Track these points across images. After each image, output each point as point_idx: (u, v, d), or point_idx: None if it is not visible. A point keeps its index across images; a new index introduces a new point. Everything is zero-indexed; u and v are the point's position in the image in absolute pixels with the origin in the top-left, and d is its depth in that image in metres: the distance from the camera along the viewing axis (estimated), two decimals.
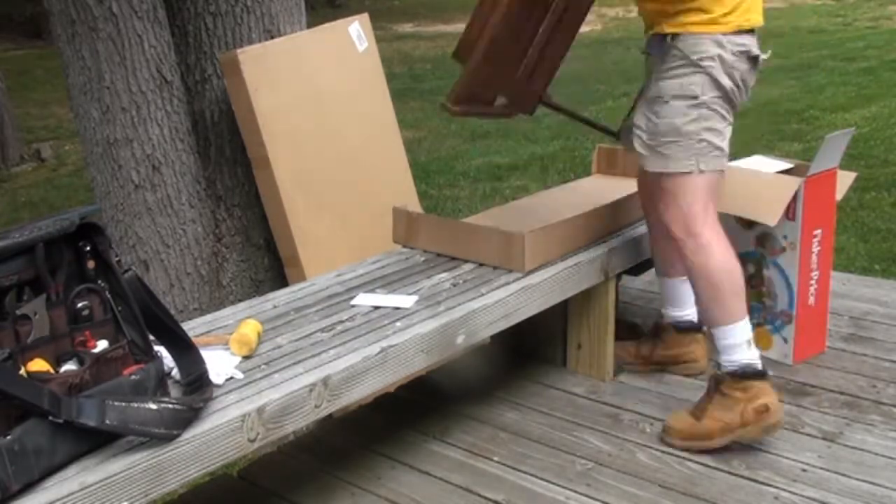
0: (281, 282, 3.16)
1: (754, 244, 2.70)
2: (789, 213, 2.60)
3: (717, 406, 2.23)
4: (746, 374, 2.21)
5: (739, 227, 2.73)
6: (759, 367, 2.24)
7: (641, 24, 2.41)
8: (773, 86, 8.17)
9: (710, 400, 2.25)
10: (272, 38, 3.15)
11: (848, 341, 2.81)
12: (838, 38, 10.60)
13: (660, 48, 2.28)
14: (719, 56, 2.22)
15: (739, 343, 2.23)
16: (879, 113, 6.91)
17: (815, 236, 2.65)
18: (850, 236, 4.49)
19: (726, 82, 2.25)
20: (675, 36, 2.23)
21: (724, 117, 2.30)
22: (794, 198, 2.58)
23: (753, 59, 2.30)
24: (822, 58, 9.35)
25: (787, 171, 2.73)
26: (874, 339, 2.83)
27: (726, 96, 2.27)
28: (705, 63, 2.23)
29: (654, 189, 2.38)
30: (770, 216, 2.59)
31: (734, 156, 2.62)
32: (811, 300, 2.65)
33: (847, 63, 8.92)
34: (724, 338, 2.25)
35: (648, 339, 2.70)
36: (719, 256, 2.26)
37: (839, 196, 2.77)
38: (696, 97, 2.26)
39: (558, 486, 2.20)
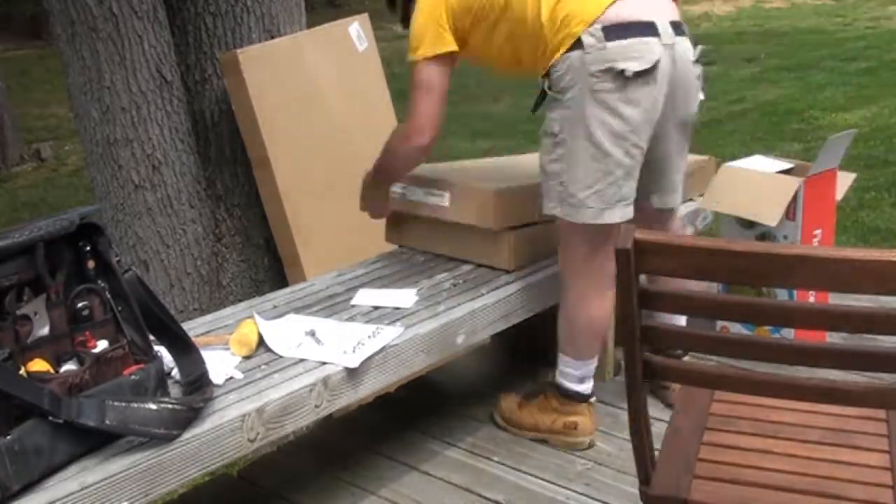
0: (281, 282, 3.16)
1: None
2: (789, 213, 2.60)
3: (537, 406, 2.37)
4: (569, 395, 2.31)
5: (739, 227, 2.73)
6: (585, 393, 2.31)
7: None
8: (773, 86, 8.18)
9: (535, 398, 2.39)
10: (272, 38, 3.15)
11: (848, 342, 2.80)
12: (838, 38, 10.59)
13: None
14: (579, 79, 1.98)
15: (577, 375, 2.28)
16: (879, 113, 6.90)
17: (815, 236, 2.65)
18: (850, 236, 4.49)
19: (592, 113, 1.98)
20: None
21: (594, 158, 2.01)
22: (794, 198, 2.58)
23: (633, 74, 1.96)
24: (822, 58, 9.34)
25: (787, 171, 2.73)
26: (875, 339, 2.82)
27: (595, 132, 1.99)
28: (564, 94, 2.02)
29: None
30: (770, 217, 2.59)
31: (734, 156, 2.63)
32: (811, 299, 2.65)
33: (847, 63, 8.91)
34: (566, 365, 2.28)
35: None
36: (592, 311, 2.19)
37: (839, 196, 2.77)
38: (555, 134, 2.08)
39: (558, 486, 2.20)
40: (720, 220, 2.87)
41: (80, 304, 1.63)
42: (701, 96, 2.19)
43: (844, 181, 2.80)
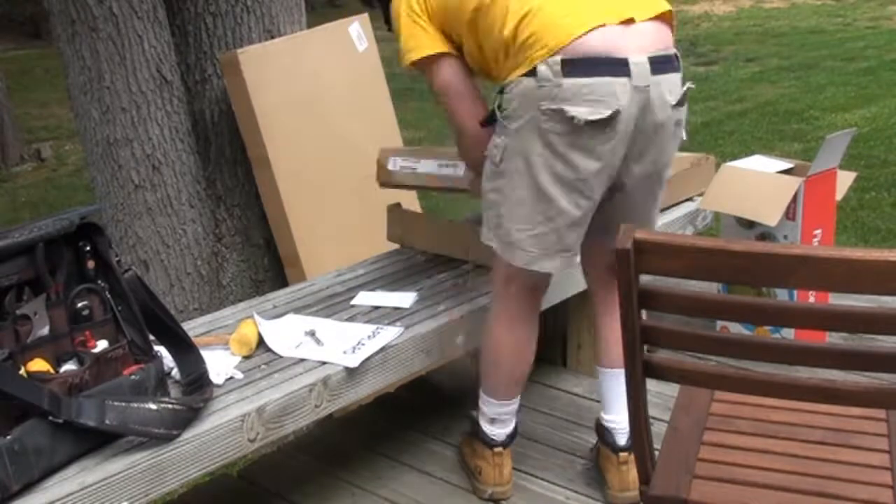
0: (281, 282, 3.16)
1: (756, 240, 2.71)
2: (789, 213, 2.61)
3: (468, 439, 2.26)
4: (477, 436, 2.15)
5: (740, 227, 2.73)
6: (495, 439, 2.11)
7: None
8: (773, 86, 8.18)
9: (470, 433, 2.24)
10: (272, 38, 3.15)
11: (848, 342, 2.80)
12: (838, 38, 10.59)
13: None
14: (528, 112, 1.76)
15: (487, 414, 2.12)
16: (879, 113, 6.91)
17: (815, 236, 2.65)
18: (850, 236, 4.49)
19: (538, 152, 1.77)
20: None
21: (536, 200, 1.80)
22: (794, 198, 2.58)
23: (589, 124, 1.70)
24: (822, 58, 9.34)
25: (787, 171, 2.73)
26: (874, 338, 2.82)
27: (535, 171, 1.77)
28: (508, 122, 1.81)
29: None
30: (770, 216, 2.59)
31: (734, 156, 2.63)
32: (811, 299, 2.65)
33: (847, 63, 8.91)
34: (480, 399, 2.13)
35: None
36: (500, 340, 2.02)
37: (839, 196, 2.77)
38: (496, 163, 1.86)
39: (558, 486, 2.20)
40: (720, 220, 2.87)
41: (80, 304, 1.64)
42: (682, 136, 1.90)
43: (845, 180, 2.80)
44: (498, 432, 2.12)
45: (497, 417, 2.11)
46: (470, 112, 1.98)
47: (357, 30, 3.34)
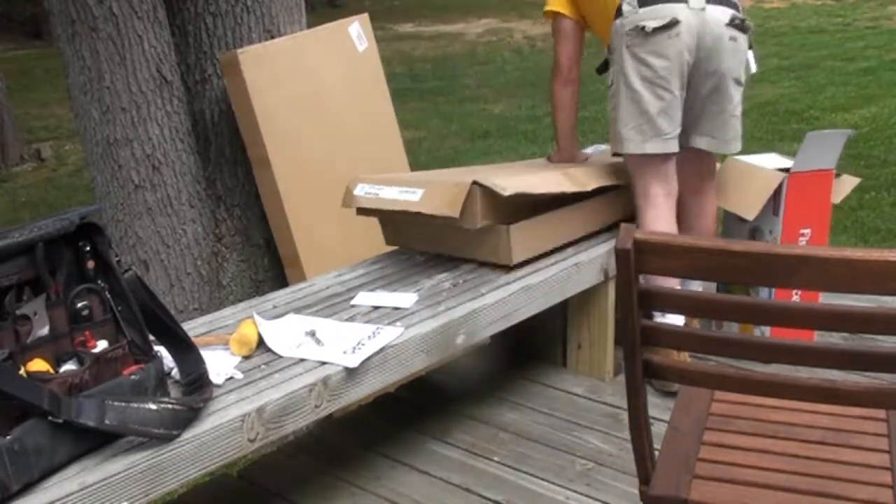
0: (281, 282, 3.16)
1: (748, 237, 2.71)
2: (775, 208, 2.62)
3: None
4: None
5: (736, 220, 2.74)
6: None
7: None
8: (773, 86, 8.18)
9: None
10: (272, 38, 3.15)
11: (848, 342, 2.81)
12: (838, 38, 10.59)
13: None
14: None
15: None
16: (879, 113, 6.91)
17: (802, 235, 2.65)
18: (850, 236, 4.49)
19: (628, 63, 2.44)
20: None
21: (631, 100, 2.46)
22: (778, 194, 2.59)
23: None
24: (822, 58, 9.35)
25: (787, 170, 2.73)
26: (874, 339, 2.82)
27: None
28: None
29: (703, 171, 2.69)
30: (748, 210, 2.62)
31: (745, 151, 2.69)
32: (795, 298, 2.63)
33: (847, 63, 8.91)
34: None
35: None
36: (647, 221, 2.56)
37: (836, 199, 2.76)
38: (609, 86, 2.57)
39: (558, 486, 2.20)
40: (723, 213, 2.88)
41: (79, 304, 1.63)
42: (748, 62, 2.54)
43: (846, 184, 2.79)
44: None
45: None
46: (565, 52, 2.73)
47: (357, 30, 3.34)
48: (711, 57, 2.43)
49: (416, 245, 2.60)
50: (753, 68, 2.57)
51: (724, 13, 2.43)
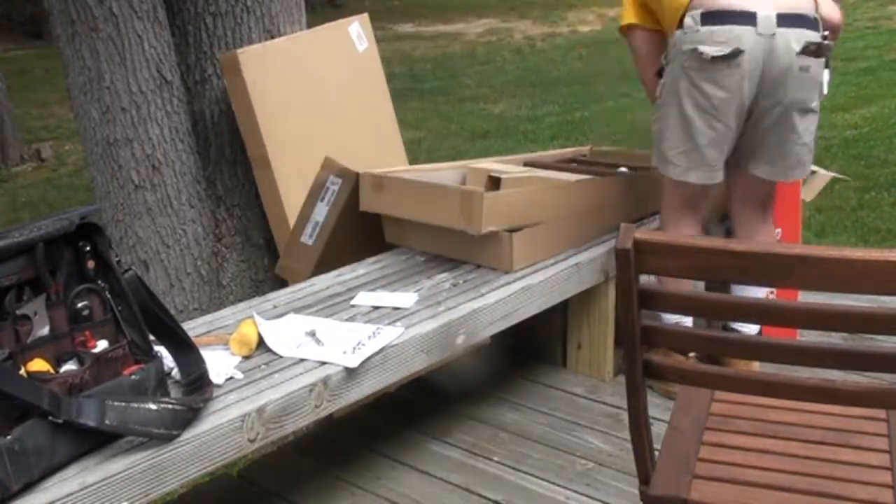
0: (281, 282, 3.16)
1: (724, 237, 2.75)
2: None
3: None
4: None
5: (713, 221, 2.77)
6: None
7: None
8: None
9: None
10: (272, 38, 3.15)
11: (848, 342, 2.81)
12: (838, 37, 10.58)
13: None
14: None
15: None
16: (879, 113, 6.90)
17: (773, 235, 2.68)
18: (850, 236, 4.49)
19: (682, 85, 2.28)
20: None
21: (681, 124, 2.31)
22: None
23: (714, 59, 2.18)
24: None
25: None
26: (874, 339, 2.82)
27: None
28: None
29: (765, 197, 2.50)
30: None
31: None
32: (770, 297, 2.62)
33: (847, 63, 8.90)
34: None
35: None
36: None
37: (809, 197, 2.77)
38: (658, 97, 2.42)
39: (558, 486, 2.20)
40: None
41: (80, 304, 1.63)
42: (820, 87, 2.30)
43: (819, 181, 2.80)
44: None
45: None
46: (647, 65, 2.53)
47: (357, 30, 3.34)
48: (777, 88, 2.23)
49: (417, 245, 2.60)
50: (825, 91, 2.33)
51: (797, 39, 2.19)
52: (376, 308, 2.21)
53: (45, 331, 1.59)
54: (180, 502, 2.23)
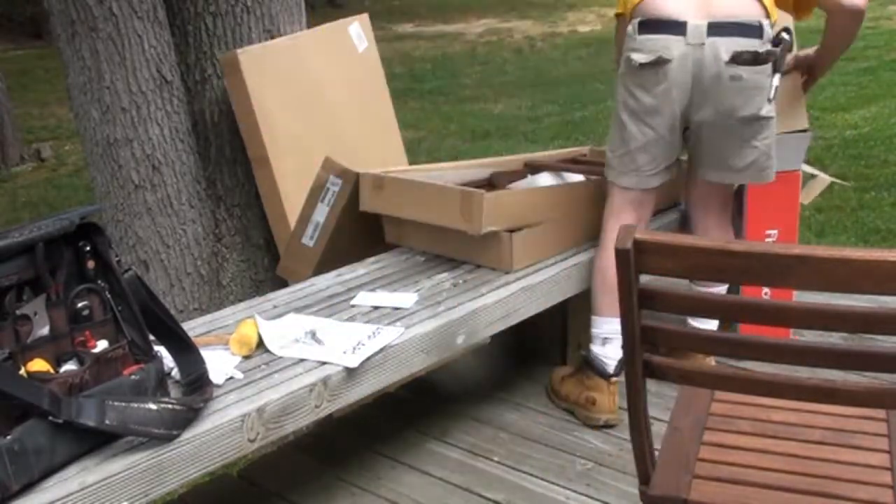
0: (281, 282, 3.16)
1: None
2: (739, 209, 2.68)
3: (575, 379, 2.53)
4: (591, 366, 2.45)
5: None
6: (606, 365, 2.43)
7: None
8: None
9: (576, 373, 2.54)
10: (272, 38, 3.15)
11: (848, 342, 2.80)
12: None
13: None
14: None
15: (598, 336, 2.44)
16: (879, 113, 6.91)
17: (768, 236, 2.68)
18: (850, 236, 4.49)
19: (619, 90, 2.36)
20: None
21: (618, 129, 2.36)
22: (741, 195, 2.65)
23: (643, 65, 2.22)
24: None
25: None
26: (874, 339, 2.82)
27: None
28: None
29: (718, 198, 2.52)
30: None
31: None
32: (764, 296, 2.62)
33: (847, 63, 8.89)
34: (593, 326, 2.46)
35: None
36: (609, 252, 2.29)
37: (806, 200, 2.78)
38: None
39: (558, 486, 2.20)
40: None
41: (80, 304, 1.63)
42: (767, 94, 2.21)
43: (818, 184, 2.80)
44: (611, 355, 2.42)
45: (609, 336, 2.41)
46: (617, 55, 2.47)
47: (357, 30, 3.34)
48: (708, 97, 2.23)
49: (417, 245, 2.60)
50: (772, 95, 2.22)
51: (727, 49, 2.17)
52: (376, 308, 2.21)
53: (45, 331, 1.59)
54: (180, 502, 2.23)
